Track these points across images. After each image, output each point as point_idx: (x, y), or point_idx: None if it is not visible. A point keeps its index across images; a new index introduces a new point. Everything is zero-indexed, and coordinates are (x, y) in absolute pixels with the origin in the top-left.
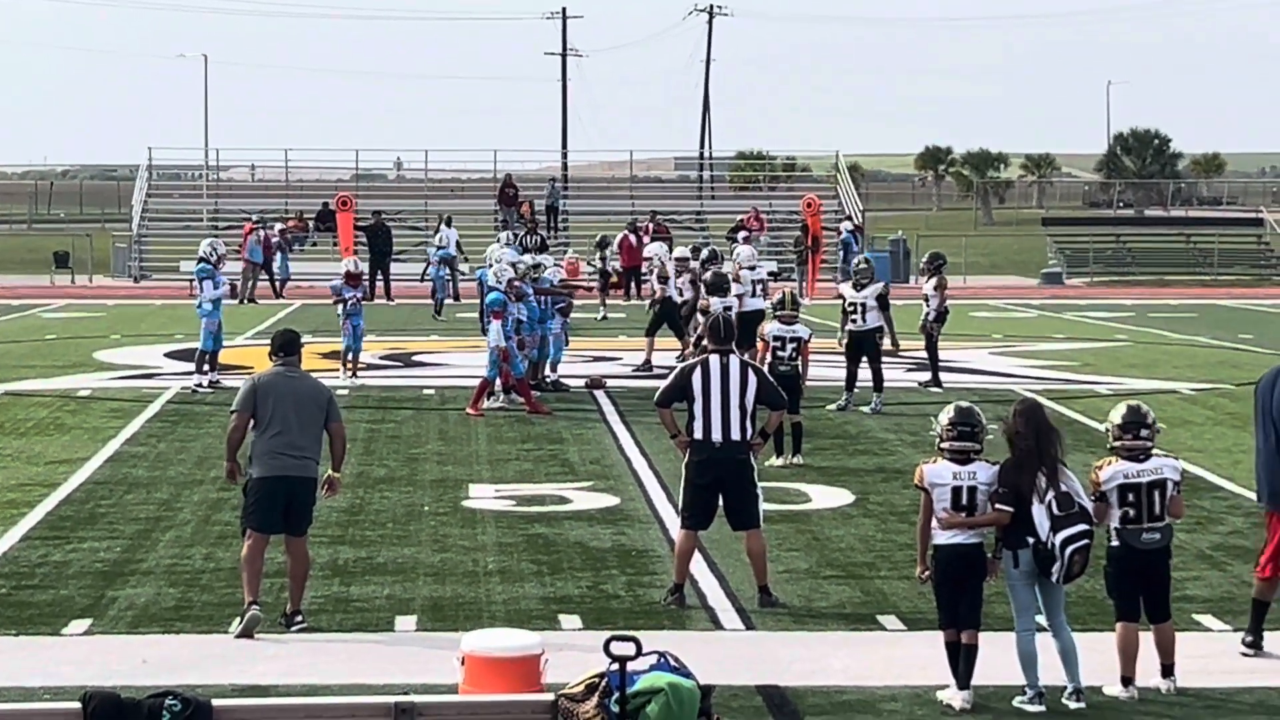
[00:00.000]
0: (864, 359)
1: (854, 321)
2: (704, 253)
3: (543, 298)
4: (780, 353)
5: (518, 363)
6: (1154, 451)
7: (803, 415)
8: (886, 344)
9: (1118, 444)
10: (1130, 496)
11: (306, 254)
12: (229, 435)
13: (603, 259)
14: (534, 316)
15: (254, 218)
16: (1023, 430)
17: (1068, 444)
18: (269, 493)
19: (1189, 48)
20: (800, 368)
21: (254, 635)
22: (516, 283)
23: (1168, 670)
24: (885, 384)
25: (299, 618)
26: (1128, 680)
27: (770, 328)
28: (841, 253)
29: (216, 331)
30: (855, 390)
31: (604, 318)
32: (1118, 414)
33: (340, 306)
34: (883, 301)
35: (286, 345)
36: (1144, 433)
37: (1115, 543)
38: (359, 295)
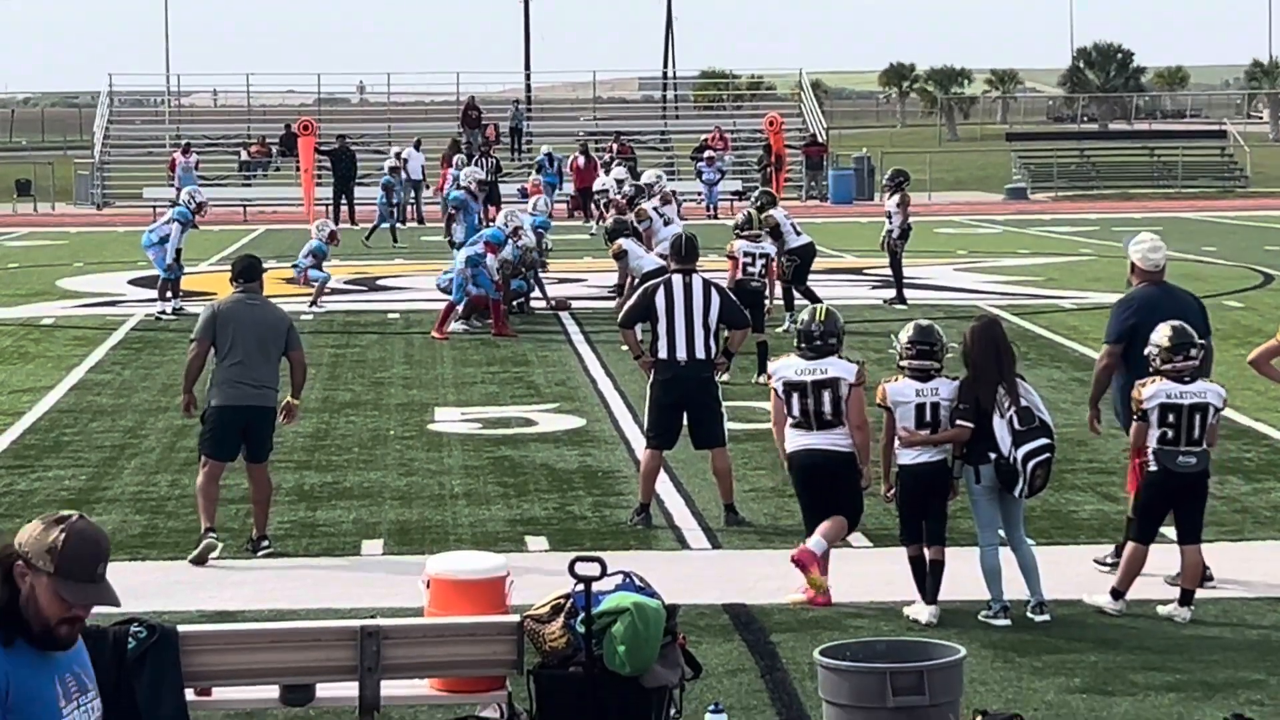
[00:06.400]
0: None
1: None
2: (625, 188)
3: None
4: (750, 269)
5: (488, 284)
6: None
7: (767, 334)
8: None
9: (1166, 366)
10: (1170, 417)
11: (270, 178)
12: (188, 363)
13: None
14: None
15: (184, 145)
16: (979, 346)
17: (1029, 360)
18: (226, 422)
19: None
20: (767, 285)
21: (207, 562)
22: (505, 256)
23: (1186, 598)
24: (849, 301)
25: (265, 543)
26: (1118, 594)
27: (739, 245)
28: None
29: (174, 258)
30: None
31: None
32: (1163, 336)
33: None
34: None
35: (247, 271)
36: (1193, 352)
37: (1154, 467)
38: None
